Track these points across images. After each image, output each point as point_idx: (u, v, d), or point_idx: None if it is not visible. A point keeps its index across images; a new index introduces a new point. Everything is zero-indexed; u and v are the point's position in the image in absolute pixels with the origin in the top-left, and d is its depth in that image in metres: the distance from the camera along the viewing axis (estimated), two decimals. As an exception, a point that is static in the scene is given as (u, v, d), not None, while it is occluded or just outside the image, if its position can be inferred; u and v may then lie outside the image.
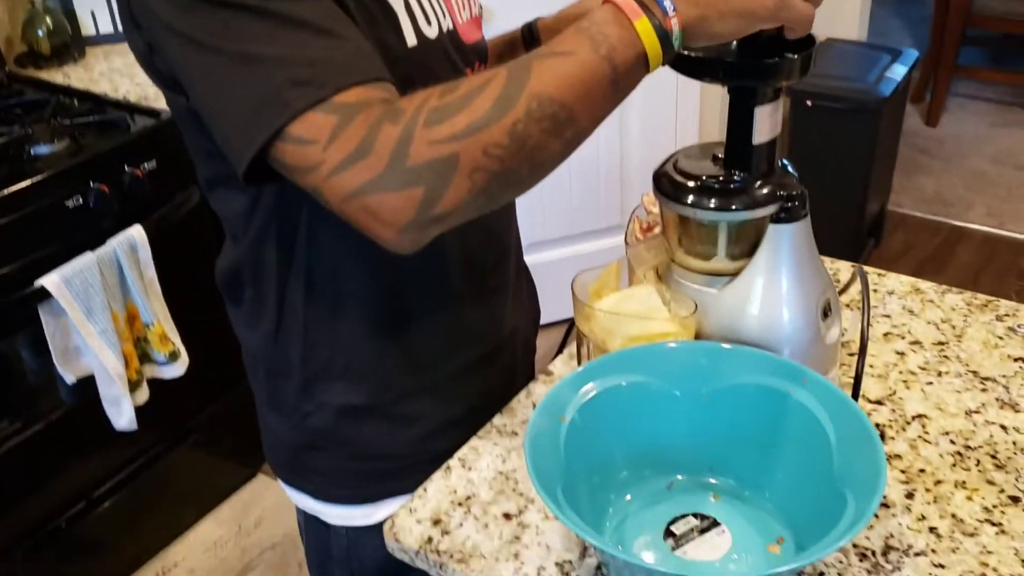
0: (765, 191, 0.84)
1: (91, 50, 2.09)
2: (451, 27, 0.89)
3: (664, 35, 0.71)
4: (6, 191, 1.51)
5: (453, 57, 0.89)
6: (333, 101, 0.69)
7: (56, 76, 1.95)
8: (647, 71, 0.73)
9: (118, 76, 1.94)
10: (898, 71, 2.67)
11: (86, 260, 1.55)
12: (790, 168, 0.89)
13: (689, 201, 0.85)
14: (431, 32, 0.85)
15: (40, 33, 1.99)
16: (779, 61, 0.79)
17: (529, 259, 1.14)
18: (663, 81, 0.94)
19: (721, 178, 0.85)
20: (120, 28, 2.23)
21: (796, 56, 0.79)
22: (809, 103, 2.55)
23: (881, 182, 2.87)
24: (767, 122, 0.83)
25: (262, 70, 0.69)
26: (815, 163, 2.61)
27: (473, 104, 0.68)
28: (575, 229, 2.55)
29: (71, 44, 2.04)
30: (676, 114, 2.47)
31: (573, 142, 0.71)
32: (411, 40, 0.83)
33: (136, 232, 1.63)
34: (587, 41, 0.70)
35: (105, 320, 1.57)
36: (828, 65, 2.66)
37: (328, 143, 0.68)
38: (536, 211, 2.42)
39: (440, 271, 0.93)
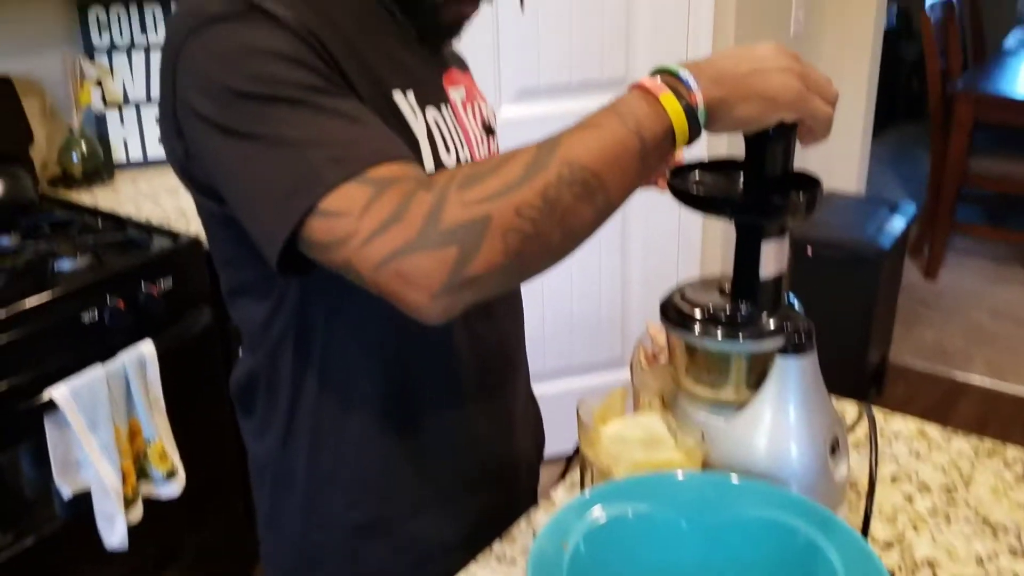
0: (772, 323, 0.86)
1: (120, 174, 2.17)
2: (468, 159, 0.93)
3: (690, 111, 0.73)
4: (27, 303, 1.54)
5: None
6: (367, 175, 0.71)
7: (84, 198, 2.02)
8: (675, 147, 0.75)
9: (142, 199, 2.00)
10: (897, 224, 2.74)
11: (95, 373, 1.56)
12: (796, 304, 0.92)
13: (696, 330, 0.86)
14: (449, 161, 0.89)
15: (74, 158, 2.08)
16: (785, 199, 0.82)
17: (530, 389, 1.15)
18: (665, 215, 0.98)
19: (728, 309, 0.87)
20: (147, 154, 2.32)
21: (802, 195, 0.82)
22: (810, 251, 2.61)
23: (881, 333, 2.90)
24: (773, 257, 0.86)
25: (297, 151, 0.72)
26: (816, 311, 2.61)
27: (505, 169, 0.70)
28: (575, 361, 2.56)
29: (102, 169, 2.12)
30: (678, 247, 2.52)
31: (604, 211, 0.73)
32: (429, 166, 0.87)
33: (146, 348, 1.65)
34: (615, 116, 0.73)
35: (107, 434, 1.57)
36: (828, 216, 2.73)
37: (362, 213, 0.70)
38: (537, 341, 2.44)
39: (452, 377, 0.94)
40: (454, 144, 0.90)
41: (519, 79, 2.26)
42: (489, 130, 1.01)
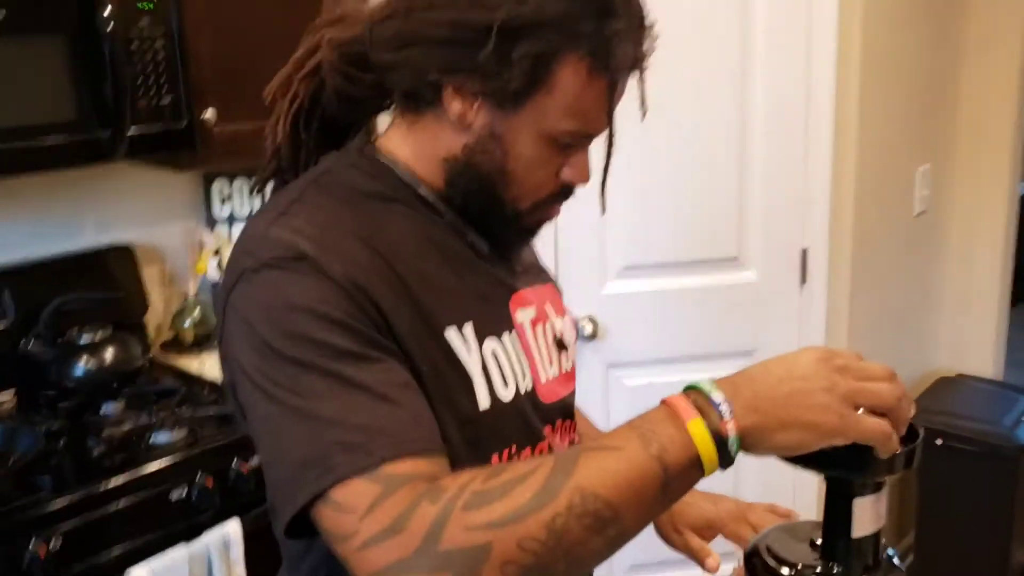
0: (868, 591, 0.76)
1: (230, 341, 2.22)
2: (530, 387, 0.90)
3: (720, 440, 0.69)
4: (118, 480, 1.55)
5: (529, 417, 0.89)
6: (380, 470, 0.70)
7: (192, 364, 2.07)
8: (702, 475, 0.70)
9: (247, 368, 2.03)
10: (1038, 415, 2.52)
11: (178, 554, 1.55)
12: (896, 560, 0.81)
13: (782, 590, 0.77)
14: (507, 394, 0.87)
15: (186, 323, 2.15)
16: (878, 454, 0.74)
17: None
18: (779, 473, 0.90)
19: (819, 569, 0.78)
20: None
21: (899, 449, 0.74)
22: (939, 441, 2.42)
23: (1025, 532, 2.64)
24: (868, 514, 0.77)
25: (315, 429, 0.71)
26: (949, 507, 2.43)
27: (514, 492, 0.67)
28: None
29: (213, 335, 2.17)
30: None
31: (616, 542, 0.69)
32: (484, 403, 0.84)
33: (232, 528, 1.63)
34: (637, 438, 0.69)
35: (184, 618, 1.54)
36: (958, 403, 2.54)
37: (365, 514, 0.68)
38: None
39: None
40: (514, 375, 0.88)
41: (626, 256, 2.23)
42: (561, 345, 0.97)
